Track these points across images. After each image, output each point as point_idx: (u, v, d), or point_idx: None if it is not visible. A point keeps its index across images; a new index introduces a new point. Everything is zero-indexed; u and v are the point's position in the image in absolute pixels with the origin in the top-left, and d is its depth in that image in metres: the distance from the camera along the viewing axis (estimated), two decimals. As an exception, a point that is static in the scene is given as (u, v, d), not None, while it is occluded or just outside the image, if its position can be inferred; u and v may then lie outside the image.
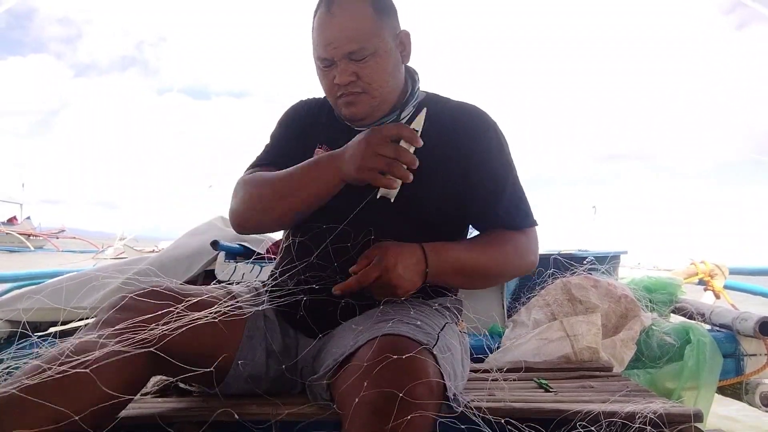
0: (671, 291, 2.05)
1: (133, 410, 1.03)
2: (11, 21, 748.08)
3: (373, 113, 1.16)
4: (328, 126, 1.25)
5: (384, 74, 1.14)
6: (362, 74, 1.12)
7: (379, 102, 1.15)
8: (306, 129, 1.27)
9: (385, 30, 1.14)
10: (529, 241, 1.18)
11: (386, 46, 1.14)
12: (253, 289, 1.19)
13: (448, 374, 0.93)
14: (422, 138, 1.13)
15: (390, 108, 1.18)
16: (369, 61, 1.12)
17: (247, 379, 1.08)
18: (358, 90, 1.13)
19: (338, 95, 1.15)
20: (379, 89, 1.14)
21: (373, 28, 1.12)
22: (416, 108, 1.21)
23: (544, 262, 1.92)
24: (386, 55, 1.14)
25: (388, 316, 1.01)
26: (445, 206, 1.16)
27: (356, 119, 1.17)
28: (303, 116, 1.31)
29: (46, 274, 2.53)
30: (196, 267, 2.11)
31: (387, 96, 1.16)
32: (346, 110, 1.16)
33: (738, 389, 1.80)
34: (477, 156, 1.16)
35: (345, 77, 1.11)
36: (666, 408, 1.02)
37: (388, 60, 1.15)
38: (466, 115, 1.21)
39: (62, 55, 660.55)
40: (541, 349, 1.56)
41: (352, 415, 0.83)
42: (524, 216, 1.19)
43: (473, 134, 1.18)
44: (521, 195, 1.20)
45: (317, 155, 1.20)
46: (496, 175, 1.17)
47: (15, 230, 20.85)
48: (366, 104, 1.14)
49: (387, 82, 1.15)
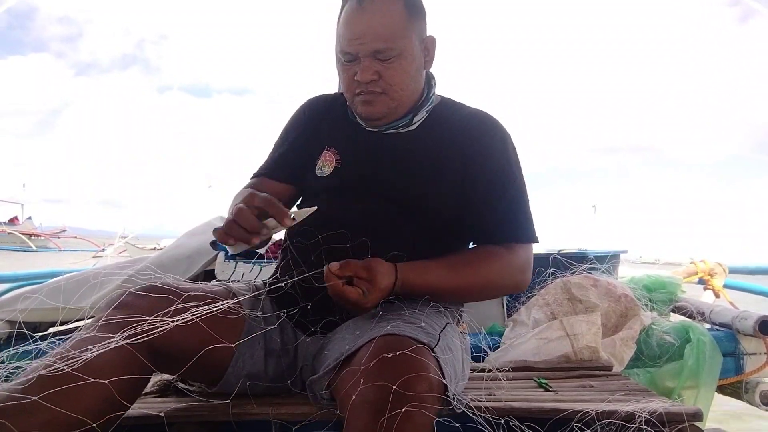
0: (671, 290, 2.05)
1: (133, 410, 1.03)
2: (12, 21, 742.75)
3: (388, 115, 1.16)
4: (337, 126, 1.24)
5: (406, 77, 1.13)
6: (385, 75, 1.11)
7: (397, 105, 1.15)
8: (312, 130, 1.27)
9: (413, 32, 1.13)
10: (517, 260, 1.14)
11: (412, 49, 1.13)
12: (253, 288, 1.19)
13: (449, 374, 0.93)
14: (430, 139, 1.12)
15: (405, 111, 1.18)
16: (393, 62, 1.10)
17: (246, 377, 1.07)
18: (378, 90, 1.12)
19: (357, 92, 1.14)
20: (400, 92, 1.13)
21: (403, 29, 1.10)
22: (429, 113, 1.20)
23: (544, 262, 1.92)
24: (411, 58, 1.13)
25: (389, 316, 1.01)
26: (446, 209, 1.15)
27: (372, 119, 1.17)
28: (309, 117, 1.30)
29: (46, 274, 2.54)
30: (196, 267, 2.11)
31: (405, 99, 1.16)
32: (363, 109, 1.15)
33: (738, 388, 1.80)
34: (479, 160, 1.15)
35: (367, 75, 1.10)
36: (666, 407, 1.01)
37: (412, 63, 1.14)
38: (477, 120, 1.20)
39: (63, 54, 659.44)
40: (540, 349, 1.56)
41: (353, 415, 0.83)
42: (519, 230, 1.15)
43: (479, 140, 1.17)
44: (522, 209, 1.17)
45: (322, 158, 1.20)
46: (495, 183, 1.15)
47: (17, 230, 20.87)
48: (384, 105, 1.14)
49: (408, 85, 1.14)
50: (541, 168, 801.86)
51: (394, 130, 1.19)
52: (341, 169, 1.19)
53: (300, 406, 1.04)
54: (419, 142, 1.18)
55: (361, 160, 1.19)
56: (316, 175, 1.22)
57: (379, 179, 1.16)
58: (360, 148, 1.20)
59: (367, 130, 1.21)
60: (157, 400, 1.15)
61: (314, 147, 1.24)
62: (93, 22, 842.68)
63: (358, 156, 1.19)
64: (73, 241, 16.68)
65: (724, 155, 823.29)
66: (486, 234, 1.16)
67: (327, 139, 1.23)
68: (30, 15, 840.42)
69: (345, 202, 1.05)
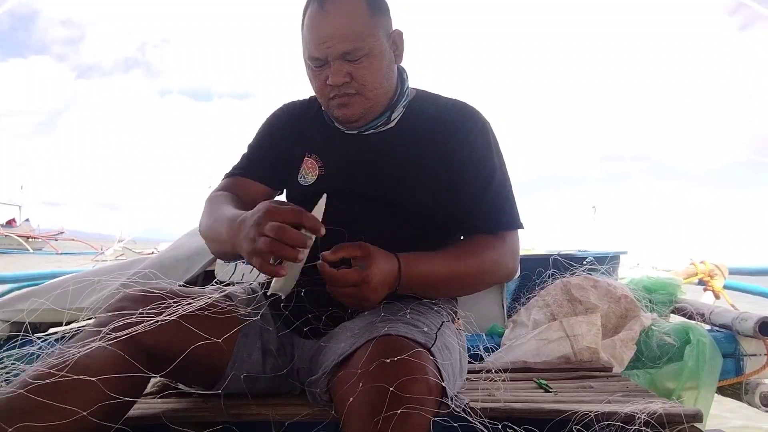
0: (671, 291, 2.05)
1: (133, 411, 1.03)
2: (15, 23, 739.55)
3: (366, 115, 1.15)
4: (315, 131, 1.23)
5: (378, 75, 1.13)
6: (356, 75, 1.10)
7: (373, 104, 1.14)
8: (291, 136, 1.25)
9: (379, 29, 1.12)
10: (508, 248, 1.14)
11: (381, 46, 1.12)
12: (250, 291, 1.19)
13: (447, 374, 0.93)
14: (410, 134, 1.11)
15: (382, 109, 1.17)
16: (363, 62, 1.10)
17: (244, 378, 1.07)
18: (352, 91, 1.11)
19: (330, 96, 1.13)
20: (374, 91, 1.13)
21: (368, 27, 1.10)
22: (406, 108, 1.19)
23: (544, 263, 1.92)
24: (381, 55, 1.12)
25: (386, 317, 1.01)
26: (433, 203, 1.14)
27: (349, 121, 1.16)
28: (286, 123, 1.28)
29: (46, 275, 2.53)
30: (196, 267, 2.11)
31: (380, 97, 1.15)
32: (339, 112, 1.15)
33: (738, 389, 1.80)
34: (461, 153, 1.15)
35: (339, 78, 1.09)
36: (666, 408, 1.02)
37: (382, 61, 1.13)
38: (454, 112, 1.19)
39: (64, 57, 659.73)
40: (540, 350, 1.56)
41: (351, 416, 0.83)
42: (507, 218, 1.15)
43: (459, 131, 1.16)
44: (507, 196, 1.17)
45: (304, 166, 1.19)
46: (480, 173, 1.15)
47: (14, 232, 20.83)
48: (360, 106, 1.13)
49: (381, 83, 1.14)
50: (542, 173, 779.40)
51: (373, 130, 1.18)
52: (325, 176, 1.19)
53: (299, 407, 1.04)
54: (400, 138, 1.18)
55: (343, 165, 1.18)
56: (299, 183, 1.21)
57: (363, 181, 1.15)
58: (341, 152, 1.19)
59: (346, 133, 1.20)
60: (157, 400, 1.15)
61: (294, 152, 1.23)
62: (96, 24, 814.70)
63: (341, 160, 1.19)
64: (71, 244, 16.67)
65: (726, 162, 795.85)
66: (476, 224, 1.15)
67: (307, 145, 1.22)
68: (32, 17, 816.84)
69: (331, 208, 1.05)
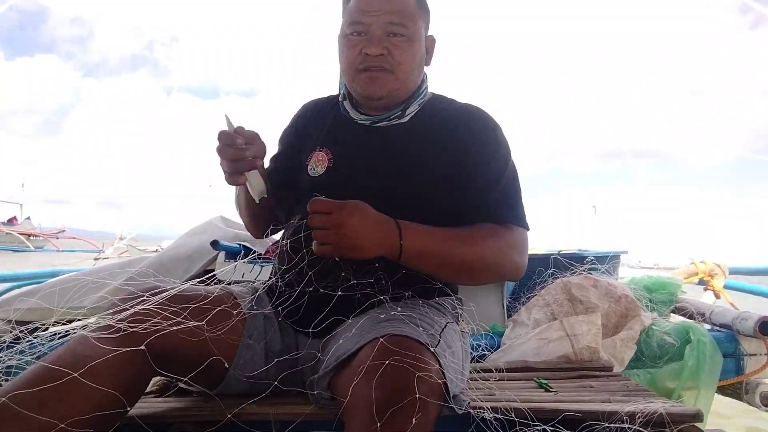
0: (671, 291, 2.05)
1: (134, 410, 1.03)
2: (24, 21, 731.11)
3: (390, 95, 1.17)
4: (329, 126, 1.25)
5: (412, 61, 1.16)
6: (394, 52, 1.13)
7: (400, 86, 1.16)
8: (310, 129, 1.28)
9: (422, 21, 1.17)
10: (516, 240, 1.13)
11: (420, 37, 1.17)
12: (253, 290, 1.19)
13: (450, 375, 0.93)
14: (422, 131, 1.15)
15: (404, 97, 1.19)
16: (403, 42, 1.13)
17: (247, 379, 1.07)
18: (387, 66, 1.13)
19: (361, 68, 1.15)
20: (405, 74, 1.15)
21: (414, 13, 1.15)
22: (420, 107, 1.22)
23: (544, 262, 1.92)
24: (418, 44, 1.16)
25: (390, 316, 1.00)
26: (441, 199, 1.15)
27: (373, 98, 1.18)
28: (310, 116, 1.32)
29: (46, 274, 2.53)
30: (196, 267, 2.11)
31: (408, 83, 1.18)
32: (365, 86, 1.16)
33: (738, 389, 1.80)
34: (473, 150, 1.16)
35: (377, 48, 1.11)
36: (666, 408, 1.01)
37: (418, 50, 1.17)
38: (468, 113, 1.22)
39: (71, 55, 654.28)
40: (541, 349, 1.56)
41: (354, 416, 0.83)
42: (515, 213, 1.15)
43: (472, 131, 1.18)
44: (515, 194, 1.18)
45: (314, 158, 1.22)
46: (489, 170, 1.16)
47: (15, 230, 20.84)
48: (388, 85, 1.15)
49: (413, 69, 1.17)
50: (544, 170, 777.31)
51: (387, 122, 1.20)
52: (334, 168, 1.20)
53: (300, 406, 1.04)
54: (412, 134, 1.19)
55: (353, 157, 1.19)
56: (309, 175, 1.22)
57: (372, 174, 1.16)
58: (352, 144, 1.21)
59: (358, 124, 1.22)
60: (157, 400, 1.15)
61: (306, 149, 1.25)
62: (104, 23, 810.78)
63: (351, 152, 1.20)
64: (72, 242, 16.68)
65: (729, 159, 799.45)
66: (483, 215, 1.14)
67: (319, 140, 1.24)
68: (42, 15, 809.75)
69: (339, 198, 1.05)
